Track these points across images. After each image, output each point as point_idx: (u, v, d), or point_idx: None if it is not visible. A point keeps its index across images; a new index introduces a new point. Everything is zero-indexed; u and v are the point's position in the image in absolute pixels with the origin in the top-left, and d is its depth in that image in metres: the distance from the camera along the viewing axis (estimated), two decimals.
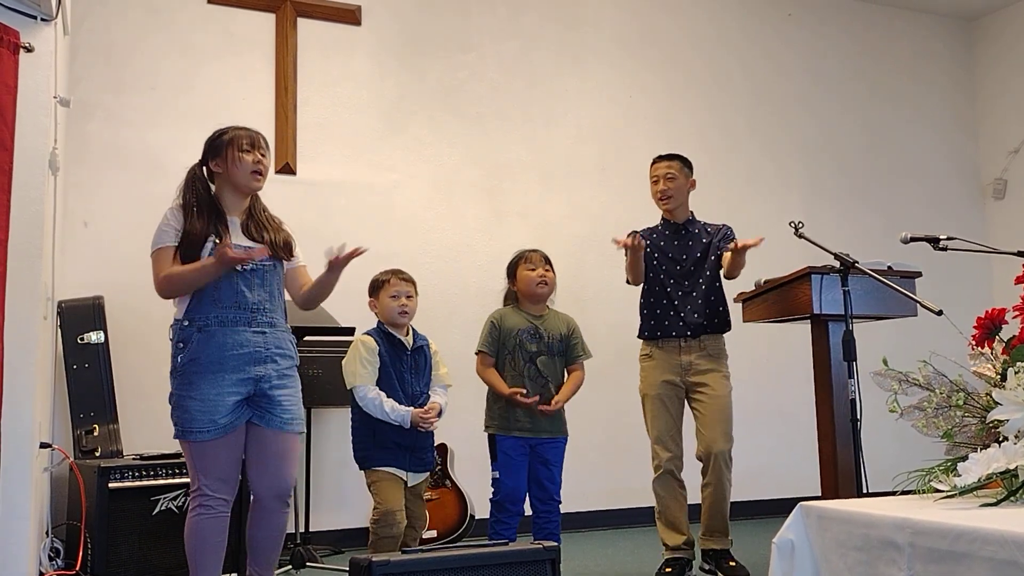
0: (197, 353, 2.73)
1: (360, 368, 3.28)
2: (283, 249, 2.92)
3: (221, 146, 2.87)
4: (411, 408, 3.26)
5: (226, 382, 2.73)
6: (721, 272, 3.77)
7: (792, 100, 6.20)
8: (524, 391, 3.47)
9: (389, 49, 5.22)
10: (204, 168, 2.91)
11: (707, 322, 3.69)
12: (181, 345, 2.76)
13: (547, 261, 3.65)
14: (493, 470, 3.54)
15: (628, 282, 3.79)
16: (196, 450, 2.75)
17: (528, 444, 3.53)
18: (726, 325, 3.77)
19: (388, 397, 3.27)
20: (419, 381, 3.38)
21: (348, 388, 3.32)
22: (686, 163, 3.81)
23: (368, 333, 3.40)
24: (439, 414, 3.37)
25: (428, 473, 3.47)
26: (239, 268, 2.78)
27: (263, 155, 2.89)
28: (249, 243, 2.84)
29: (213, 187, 2.90)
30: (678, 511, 3.65)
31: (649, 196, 3.84)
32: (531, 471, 3.56)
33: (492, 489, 3.55)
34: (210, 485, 2.75)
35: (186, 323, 2.77)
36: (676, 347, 3.69)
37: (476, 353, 3.61)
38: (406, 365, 3.35)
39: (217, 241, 2.76)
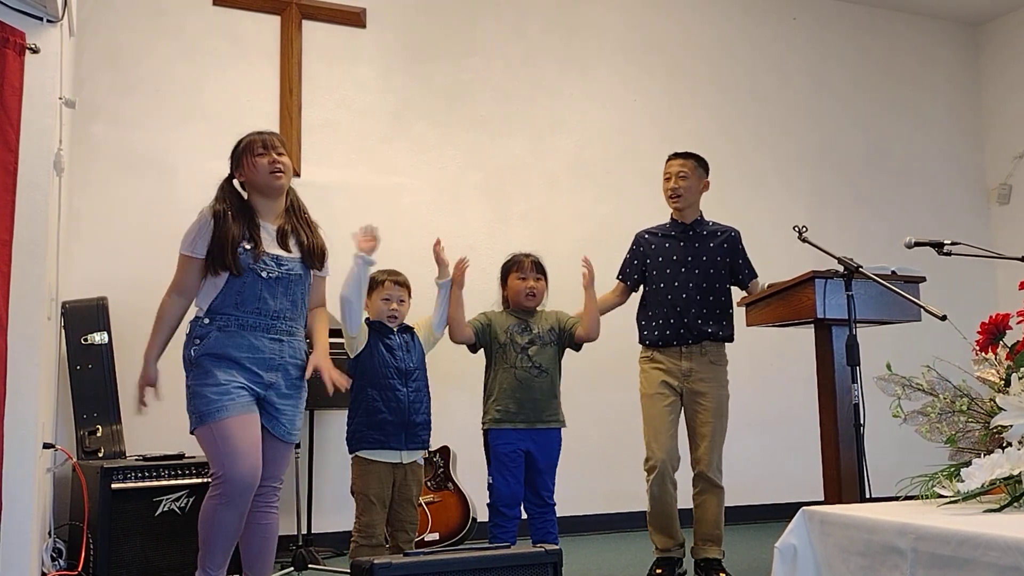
0: (212, 348, 2.78)
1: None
2: (317, 257, 2.96)
3: (239, 156, 2.93)
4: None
5: (238, 374, 2.78)
6: (737, 287, 3.79)
7: (795, 105, 6.19)
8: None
9: (394, 52, 5.23)
10: (233, 180, 2.95)
11: (710, 329, 3.65)
12: (198, 341, 2.81)
13: (538, 268, 3.59)
14: (488, 474, 3.51)
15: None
16: (219, 431, 2.73)
17: (523, 438, 3.46)
18: (730, 335, 3.73)
19: (382, 373, 3.27)
20: (411, 357, 3.36)
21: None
22: (701, 163, 3.77)
23: None
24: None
25: (423, 451, 3.38)
26: (264, 276, 2.81)
27: (279, 154, 2.92)
28: (280, 251, 2.88)
29: (246, 195, 2.94)
30: (669, 512, 3.64)
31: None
32: (524, 473, 3.52)
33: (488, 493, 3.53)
34: (232, 471, 2.71)
35: (206, 320, 2.83)
36: (677, 352, 3.67)
37: None
38: (395, 343, 3.35)
39: (247, 248, 2.80)
